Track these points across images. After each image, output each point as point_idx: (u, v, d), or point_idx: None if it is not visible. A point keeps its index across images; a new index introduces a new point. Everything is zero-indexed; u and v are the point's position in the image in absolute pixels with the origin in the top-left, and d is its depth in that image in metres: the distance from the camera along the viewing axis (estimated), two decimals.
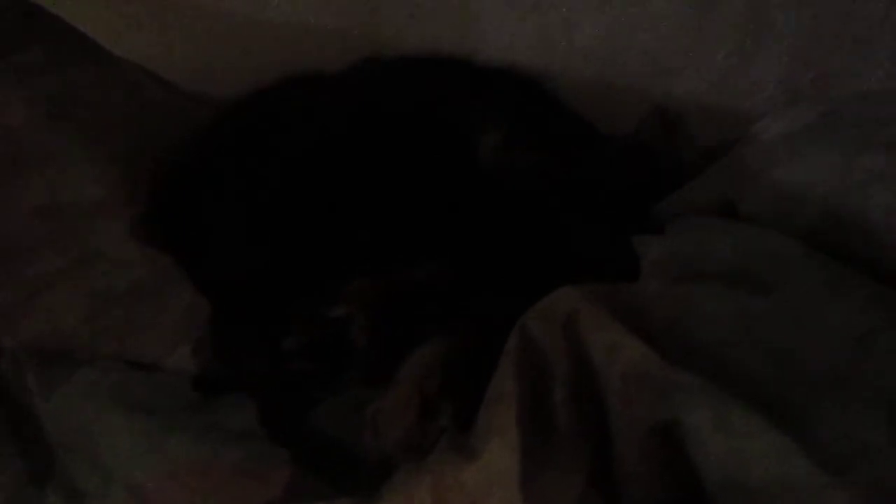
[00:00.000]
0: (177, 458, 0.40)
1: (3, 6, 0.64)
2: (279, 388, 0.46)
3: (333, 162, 0.52)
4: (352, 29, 0.90)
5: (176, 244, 0.53)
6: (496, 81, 0.73)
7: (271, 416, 0.46)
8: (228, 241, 0.53)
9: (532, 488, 0.35)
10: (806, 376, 0.31)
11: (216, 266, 0.52)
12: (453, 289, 0.47)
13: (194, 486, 0.38)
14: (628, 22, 0.89)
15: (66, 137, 0.56)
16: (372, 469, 0.40)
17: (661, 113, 0.76)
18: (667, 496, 0.33)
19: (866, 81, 0.89)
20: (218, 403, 0.45)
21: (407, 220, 0.49)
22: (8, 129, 0.55)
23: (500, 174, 0.57)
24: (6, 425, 0.45)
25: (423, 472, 0.36)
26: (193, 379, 0.45)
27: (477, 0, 0.90)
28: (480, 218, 0.51)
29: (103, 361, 0.46)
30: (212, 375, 0.46)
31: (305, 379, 0.45)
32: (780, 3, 0.87)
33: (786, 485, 0.29)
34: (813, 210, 0.40)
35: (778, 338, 0.33)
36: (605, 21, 0.90)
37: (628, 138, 0.75)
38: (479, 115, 0.61)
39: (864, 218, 0.37)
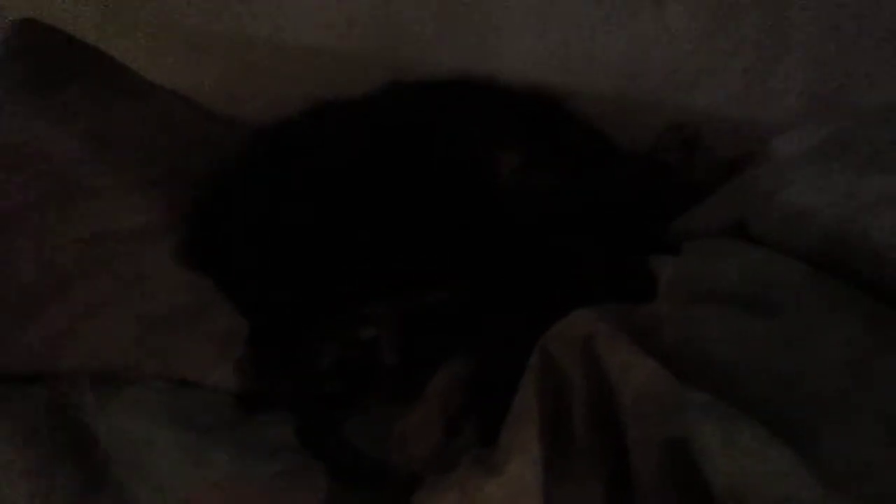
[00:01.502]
0: (220, 470, 0.43)
1: (44, 43, 0.68)
2: (313, 404, 0.49)
3: (359, 188, 0.55)
4: (374, 52, 0.93)
5: (214, 268, 0.56)
6: (516, 103, 0.75)
7: (306, 431, 0.48)
8: (261, 265, 0.56)
9: (554, 501, 0.37)
10: (809, 396, 0.33)
11: (252, 290, 0.55)
12: (476, 310, 0.49)
13: (237, 497, 0.41)
14: (647, 37, 0.90)
15: (108, 168, 0.59)
16: (401, 483, 0.43)
17: (679, 129, 0.77)
18: None
19: (888, 90, 0.89)
20: (257, 419, 0.48)
21: (430, 244, 0.52)
22: (55, 162, 0.59)
23: (518, 195, 0.59)
24: (65, 440, 0.49)
25: (449, 487, 0.38)
26: (236, 396, 0.48)
27: (497, 18, 0.92)
28: (501, 240, 0.53)
29: (151, 380, 0.49)
30: (251, 393, 0.49)
31: (338, 396, 0.48)
32: (800, 14, 0.87)
33: (790, 500, 0.30)
34: (819, 231, 0.41)
35: (782, 359, 0.34)
36: (625, 36, 0.91)
37: (646, 156, 0.76)
38: (498, 138, 0.64)
39: (868, 239, 0.38)
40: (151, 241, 0.56)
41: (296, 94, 0.67)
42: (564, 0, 0.90)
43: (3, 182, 0.57)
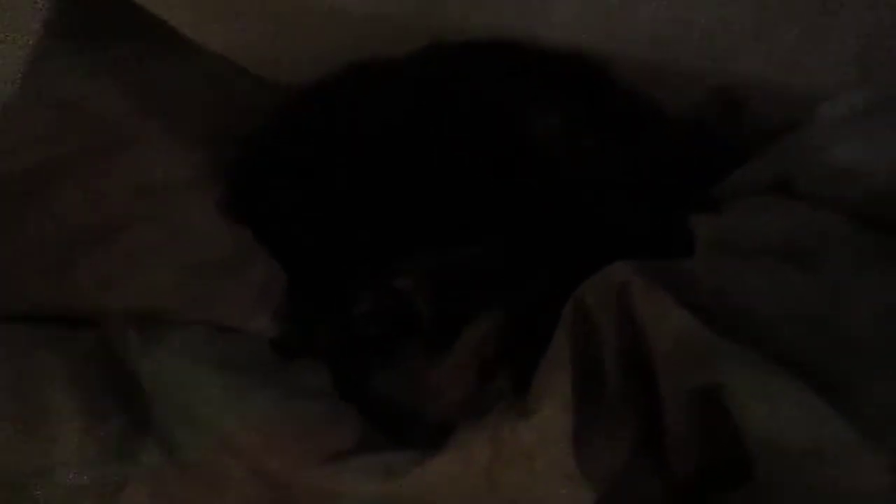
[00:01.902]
0: (262, 410, 0.44)
1: (98, 3, 0.69)
2: (349, 352, 0.50)
3: (397, 145, 0.56)
4: (416, 13, 0.93)
5: (255, 220, 0.57)
6: (557, 65, 0.74)
7: (341, 378, 0.50)
8: (301, 217, 0.57)
9: (583, 445, 0.37)
10: (846, 345, 0.32)
11: (291, 240, 0.56)
12: (510, 263, 0.49)
13: (278, 435, 0.43)
14: (692, 2, 0.88)
15: (156, 123, 0.61)
16: (434, 428, 0.43)
17: (723, 93, 0.76)
18: (710, 457, 0.35)
19: None
20: (295, 365, 0.49)
21: (465, 199, 0.52)
22: (106, 115, 0.60)
23: (557, 156, 0.59)
24: (111, 383, 0.51)
25: (483, 429, 0.39)
26: (273, 342, 0.50)
27: None
28: (537, 197, 0.53)
29: (193, 325, 0.51)
30: (288, 340, 0.50)
31: (373, 344, 0.49)
32: None
33: (823, 448, 0.30)
34: (866, 188, 0.40)
35: (820, 310, 0.34)
36: (669, 1, 0.89)
37: (689, 119, 0.75)
38: (538, 99, 0.63)
39: None
40: (195, 194, 0.58)
41: (339, 57, 0.67)
42: None
43: (54, 133, 0.59)
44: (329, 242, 0.55)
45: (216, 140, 0.63)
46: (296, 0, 0.95)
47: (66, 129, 0.60)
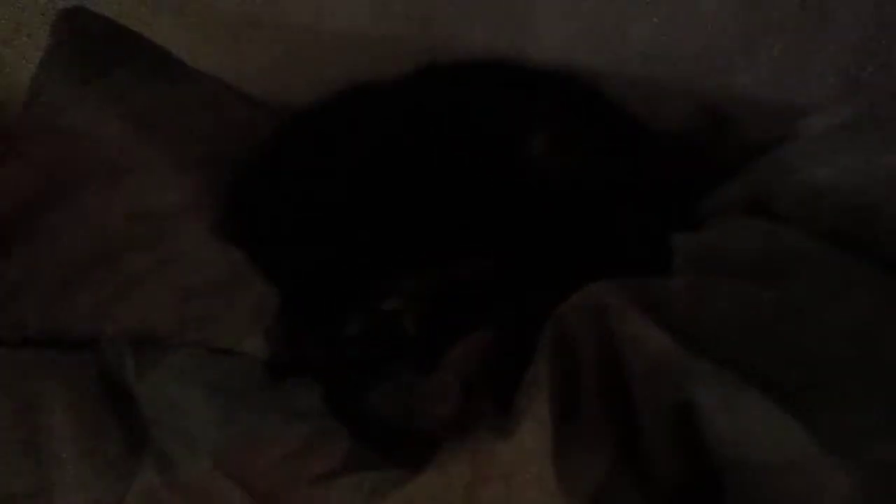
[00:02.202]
0: (252, 431, 0.45)
1: (91, 30, 0.71)
2: (339, 372, 0.51)
3: (387, 166, 0.57)
4: (408, 35, 0.95)
5: (248, 242, 0.59)
6: (547, 83, 0.75)
7: (332, 397, 0.51)
8: (293, 240, 0.58)
9: (563, 462, 0.38)
10: (813, 364, 0.33)
11: (283, 262, 0.57)
12: (496, 284, 0.50)
13: (266, 456, 0.44)
14: (680, 20, 0.89)
15: (153, 149, 0.63)
16: (419, 446, 0.44)
17: (709, 110, 0.77)
18: (685, 473, 0.36)
19: None
20: (286, 385, 0.51)
21: (454, 220, 0.53)
22: (104, 141, 0.62)
23: (545, 175, 0.60)
24: (110, 403, 0.52)
25: (464, 448, 0.40)
26: (265, 363, 0.51)
27: (530, 2, 0.93)
28: (523, 216, 0.54)
29: (187, 348, 0.52)
30: (280, 360, 0.51)
31: (362, 364, 0.50)
32: None
33: (788, 464, 0.31)
34: (836, 207, 0.41)
35: (787, 329, 0.35)
36: (658, 19, 0.90)
37: (676, 137, 0.76)
38: (527, 118, 0.65)
39: (886, 215, 0.39)
40: (191, 218, 0.59)
41: (335, 79, 0.69)
42: None
43: (54, 161, 0.61)
44: (321, 264, 0.56)
45: (213, 163, 0.64)
46: (290, 24, 0.97)
47: (65, 157, 0.62)
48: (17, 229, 0.57)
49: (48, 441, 0.51)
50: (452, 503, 0.39)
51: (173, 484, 0.47)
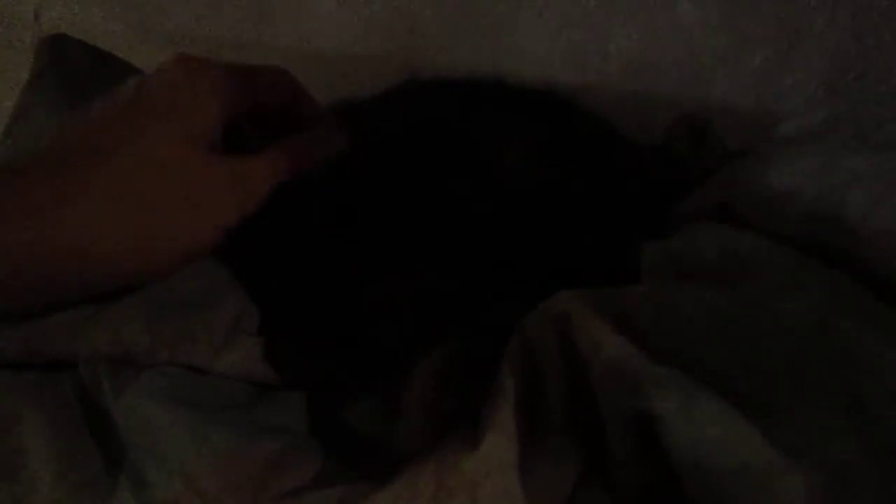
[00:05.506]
0: (222, 449, 0.45)
1: (75, 57, 0.72)
2: (316, 385, 0.51)
3: (357, 179, 0.57)
4: (391, 52, 0.96)
5: (231, 258, 0.59)
6: (524, 99, 0.76)
7: (311, 411, 0.51)
8: (276, 254, 0.58)
9: (529, 473, 0.38)
10: (767, 367, 0.33)
11: (263, 276, 0.57)
12: (466, 295, 0.50)
13: (234, 474, 0.44)
14: (660, 32, 0.91)
15: None
16: (391, 460, 0.44)
17: (688, 120, 0.78)
18: (651, 481, 0.36)
19: None
20: (263, 401, 0.51)
21: (423, 232, 0.54)
22: None
23: (519, 190, 0.60)
24: (86, 423, 0.52)
25: (428, 461, 0.40)
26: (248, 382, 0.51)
27: (511, 18, 0.94)
28: (493, 228, 0.55)
29: (162, 366, 0.52)
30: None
31: (338, 377, 0.50)
32: (817, 4, 0.87)
33: (746, 469, 0.31)
34: (798, 212, 0.41)
35: (741, 332, 0.35)
36: (638, 32, 0.92)
37: (655, 147, 0.77)
38: (501, 134, 0.65)
39: (843, 218, 0.39)
40: None
41: (319, 93, 0.70)
42: None
43: None
44: (298, 277, 0.57)
45: None
46: (277, 47, 0.99)
47: None
48: None
49: (24, 462, 0.51)
50: None
51: None
